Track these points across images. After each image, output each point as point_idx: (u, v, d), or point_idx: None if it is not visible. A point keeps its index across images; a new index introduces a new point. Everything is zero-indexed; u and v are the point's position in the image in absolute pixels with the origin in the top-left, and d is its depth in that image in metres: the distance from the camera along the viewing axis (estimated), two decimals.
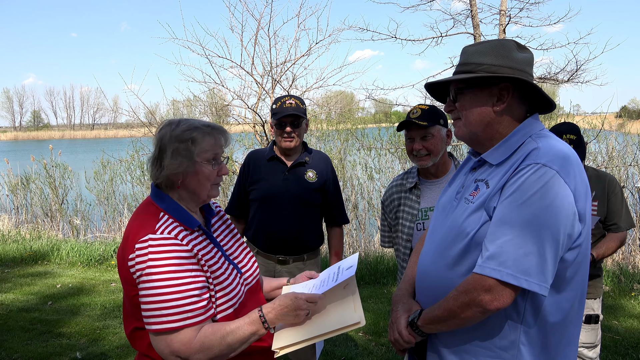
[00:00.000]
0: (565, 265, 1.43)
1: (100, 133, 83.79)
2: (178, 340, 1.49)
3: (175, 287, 1.49)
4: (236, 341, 1.54)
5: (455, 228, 1.54)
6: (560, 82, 7.77)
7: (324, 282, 1.75)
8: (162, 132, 1.66)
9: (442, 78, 1.67)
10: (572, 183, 1.39)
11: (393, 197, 2.75)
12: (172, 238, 1.54)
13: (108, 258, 7.48)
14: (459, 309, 1.44)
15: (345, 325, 1.55)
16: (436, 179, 2.65)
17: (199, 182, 1.66)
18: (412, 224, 2.62)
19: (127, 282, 1.57)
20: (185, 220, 1.62)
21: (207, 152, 1.65)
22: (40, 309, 5.43)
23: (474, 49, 1.60)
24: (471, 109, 1.57)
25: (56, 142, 50.89)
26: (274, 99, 3.02)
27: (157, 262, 1.49)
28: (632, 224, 2.96)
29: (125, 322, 1.68)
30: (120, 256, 1.60)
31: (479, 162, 1.63)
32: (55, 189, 9.97)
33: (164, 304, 1.48)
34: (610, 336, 4.38)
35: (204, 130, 1.66)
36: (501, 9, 7.64)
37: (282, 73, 7.91)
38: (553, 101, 1.57)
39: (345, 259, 1.88)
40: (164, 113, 10.84)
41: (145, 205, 1.68)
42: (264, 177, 2.97)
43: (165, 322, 1.48)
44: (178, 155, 1.62)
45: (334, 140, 9.27)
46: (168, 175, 1.63)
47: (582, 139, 2.89)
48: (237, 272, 1.73)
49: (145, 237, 1.53)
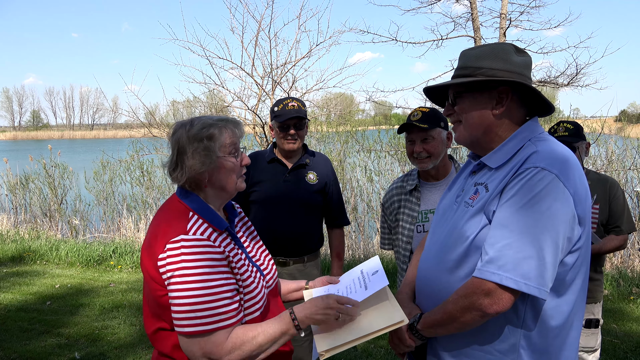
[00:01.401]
0: (565, 269, 1.43)
1: (99, 133, 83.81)
2: (211, 343, 1.47)
3: (209, 289, 1.47)
4: (267, 341, 1.52)
5: (455, 232, 1.54)
6: (560, 86, 7.79)
7: (349, 289, 1.72)
8: (177, 135, 1.64)
9: (441, 82, 1.67)
10: (571, 186, 1.40)
11: (393, 200, 2.75)
12: (205, 239, 1.52)
13: (107, 258, 7.47)
14: (458, 313, 1.44)
15: (388, 325, 1.53)
16: (436, 181, 2.65)
17: (226, 176, 1.65)
18: (412, 226, 2.62)
19: (155, 281, 1.54)
20: (215, 221, 1.60)
21: (226, 145, 1.64)
22: (38, 309, 5.42)
23: (472, 52, 1.61)
24: (470, 112, 1.58)
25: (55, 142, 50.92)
26: (275, 101, 3.02)
27: (190, 264, 1.47)
28: (633, 227, 2.96)
29: (148, 322, 1.64)
30: (147, 254, 1.57)
31: (479, 166, 1.63)
32: (55, 189, 9.95)
33: (198, 306, 1.46)
34: (609, 340, 4.38)
35: (219, 125, 1.65)
36: (502, 12, 7.66)
37: (283, 75, 7.91)
38: (552, 104, 1.58)
39: (366, 262, 1.86)
40: (164, 114, 10.83)
41: (172, 203, 1.66)
42: (265, 179, 2.97)
43: (198, 324, 1.46)
44: (198, 155, 1.60)
45: (334, 142, 9.27)
46: (192, 175, 1.61)
47: (579, 129, 2.96)
48: (260, 275, 1.72)
49: (178, 238, 1.51)
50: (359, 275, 1.78)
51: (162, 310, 1.55)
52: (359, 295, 1.63)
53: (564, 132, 2.97)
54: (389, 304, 1.62)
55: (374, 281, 1.66)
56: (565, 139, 2.91)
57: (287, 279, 2.99)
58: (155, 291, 1.55)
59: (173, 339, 1.56)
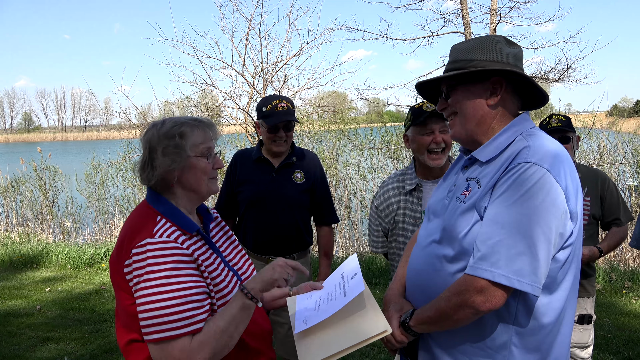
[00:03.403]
0: (557, 265, 1.41)
1: (92, 135, 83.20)
2: (178, 348, 1.41)
3: (176, 292, 1.41)
4: (227, 321, 1.47)
5: (446, 227, 1.52)
6: (551, 81, 7.80)
7: (331, 295, 1.69)
8: (148, 134, 1.61)
9: (433, 77, 1.65)
10: (563, 181, 1.38)
11: (391, 201, 2.57)
12: (172, 242, 1.47)
13: (98, 261, 7.41)
14: (451, 310, 1.42)
15: (372, 335, 1.49)
16: (436, 179, 2.49)
17: (196, 176, 1.61)
18: (414, 228, 2.47)
19: (122, 289, 1.50)
20: (184, 224, 1.55)
21: (198, 145, 1.61)
22: (28, 314, 5.36)
23: (463, 46, 1.59)
24: (465, 101, 1.56)
25: (47, 144, 50.56)
26: (263, 100, 2.97)
27: (156, 267, 1.42)
28: (631, 217, 3.01)
29: (119, 334, 1.58)
30: (114, 262, 1.53)
31: (470, 160, 1.61)
32: (46, 192, 9.86)
33: (164, 311, 1.40)
34: (601, 334, 4.38)
35: (192, 124, 1.62)
36: (492, 8, 7.65)
37: (274, 73, 7.88)
38: (546, 93, 1.56)
39: (345, 262, 1.82)
40: (156, 114, 10.77)
41: (141, 208, 1.62)
42: (251, 178, 2.94)
43: (165, 330, 1.40)
44: (169, 152, 1.56)
45: (327, 140, 9.25)
46: (161, 174, 1.57)
47: (570, 123, 2.97)
48: (237, 279, 1.68)
49: (143, 242, 1.45)
50: (340, 280, 1.74)
51: (131, 320, 1.49)
52: (338, 302, 1.60)
53: (557, 123, 2.97)
54: (371, 311, 1.58)
55: (352, 286, 1.62)
56: (560, 129, 2.92)
57: None
58: (124, 300, 1.50)
59: (146, 351, 1.49)
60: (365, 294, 1.64)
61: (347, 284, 1.67)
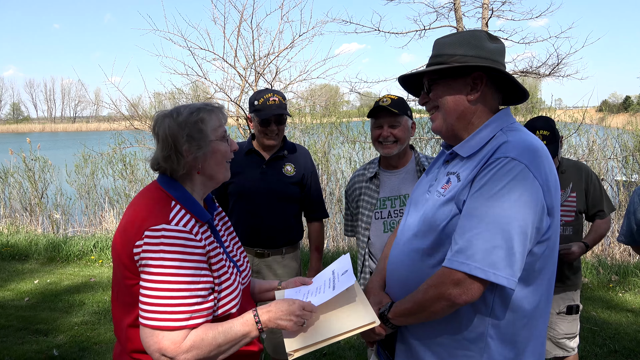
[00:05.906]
0: (533, 259, 1.43)
1: (82, 126, 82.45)
2: (169, 339, 1.40)
3: (183, 284, 1.41)
4: (227, 342, 1.46)
5: (426, 221, 1.53)
6: (541, 76, 7.84)
7: (319, 289, 1.70)
8: (165, 124, 1.56)
9: (414, 70, 1.66)
10: (541, 177, 1.39)
11: (355, 187, 2.81)
12: (187, 232, 1.46)
13: (87, 253, 7.36)
14: (428, 303, 1.44)
15: (359, 326, 1.51)
16: (396, 169, 2.72)
17: (217, 162, 1.61)
18: (370, 213, 2.69)
19: (126, 268, 1.47)
20: (197, 213, 1.54)
21: (217, 129, 1.60)
22: (16, 305, 5.33)
23: (445, 40, 1.60)
24: (445, 96, 1.57)
25: (37, 135, 49.98)
26: (255, 93, 2.97)
27: (168, 255, 1.41)
28: (613, 207, 3.07)
29: (119, 313, 1.55)
30: (121, 240, 1.49)
31: (451, 155, 1.62)
32: (35, 183, 9.75)
33: (168, 301, 1.39)
34: (588, 327, 4.44)
35: (207, 109, 1.60)
36: (484, 2, 7.66)
37: (266, 66, 7.84)
38: (526, 90, 1.57)
39: (336, 261, 1.83)
40: (147, 106, 10.67)
41: (152, 190, 1.58)
42: (241, 170, 2.93)
43: (165, 319, 1.39)
44: (193, 139, 1.55)
45: (318, 133, 9.23)
46: (190, 162, 1.55)
47: (556, 134, 2.89)
48: (237, 271, 1.68)
49: (159, 227, 1.44)
50: (330, 276, 1.75)
51: (133, 299, 1.48)
52: (326, 295, 1.61)
53: (543, 140, 2.93)
54: (360, 304, 1.60)
55: (342, 281, 1.64)
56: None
57: (265, 271, 2.98)
58: (127, 279, 1.48)
59: None
60: (355, 288, 1.65)
61: (337, 279, 1.68)
